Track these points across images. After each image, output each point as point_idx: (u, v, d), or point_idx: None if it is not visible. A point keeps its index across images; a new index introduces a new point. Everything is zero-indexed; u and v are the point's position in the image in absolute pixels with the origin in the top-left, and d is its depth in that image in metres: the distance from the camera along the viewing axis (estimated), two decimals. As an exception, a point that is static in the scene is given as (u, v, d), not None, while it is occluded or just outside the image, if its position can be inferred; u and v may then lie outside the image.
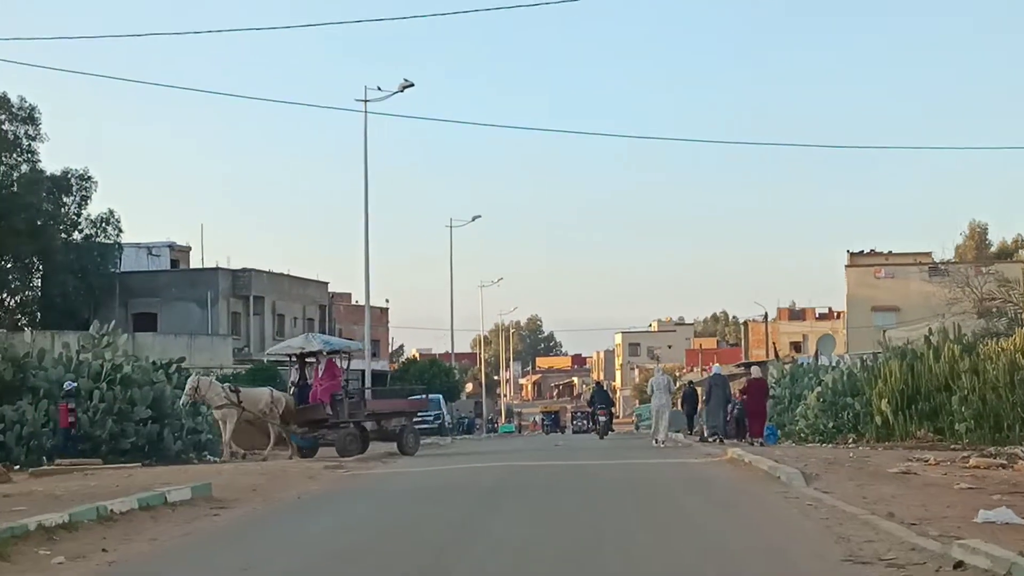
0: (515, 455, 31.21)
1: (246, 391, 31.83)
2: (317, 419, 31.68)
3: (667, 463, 24.76)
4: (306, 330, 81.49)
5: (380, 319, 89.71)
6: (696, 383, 57.41)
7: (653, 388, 37.81)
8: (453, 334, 79.20)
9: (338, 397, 31.68)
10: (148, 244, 78.22)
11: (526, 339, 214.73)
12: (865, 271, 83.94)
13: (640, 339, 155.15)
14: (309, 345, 32.89)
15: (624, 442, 47.13)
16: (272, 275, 77.68)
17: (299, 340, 34.22)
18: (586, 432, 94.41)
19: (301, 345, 33.29)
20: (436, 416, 62.71)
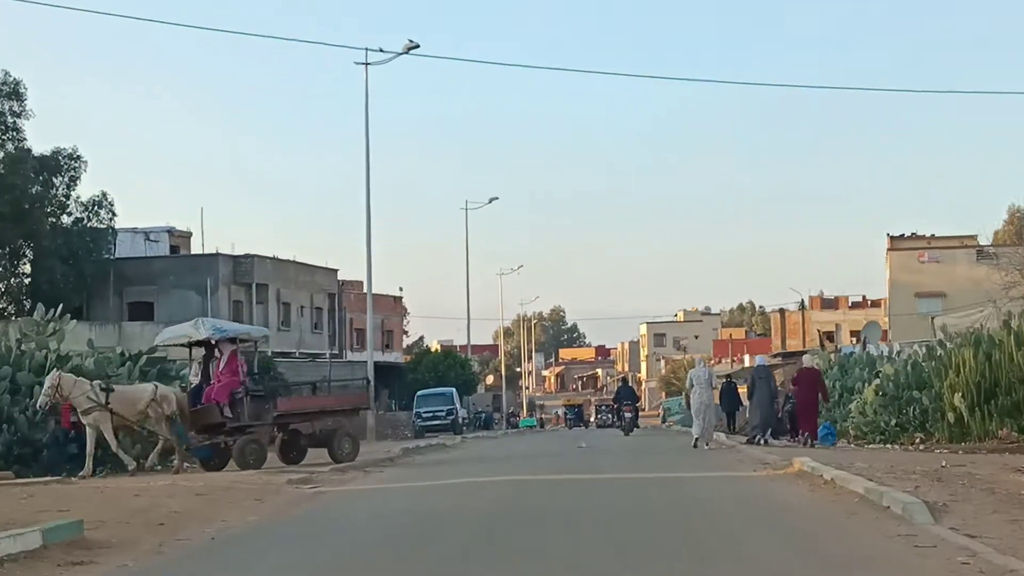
0: (529, 462, 25.81)
1: (121, 389, 25.20)
2: (212, 423, 25.32)
3: (718, 478, 19.30)
4: (314, 320, 76.50)
5: (394, 308, 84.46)
6: (731, 376, 51.61)
7: (692, 382, 32.34)
8: (469, 323, 74.18)
9: (238, 395, 25.17)
10: (145, 229, 73.07)
11: (549, 330, 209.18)
12: (908, 255, 78.16)
13: (666, 329, 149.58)
14: (196, 332, 26.12)
15: (653, 440, 41.86)
16: (276, 261, 72.44)
17: (187, 326, 27.24)
18: (610, 426, 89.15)
19: (187, 333, 26.52)
20: (449, 411, 57.45)
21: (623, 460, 26.01)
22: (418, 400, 58.29)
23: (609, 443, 37.28)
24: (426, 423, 56.91)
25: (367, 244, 47.70)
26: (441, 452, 33.35)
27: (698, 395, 32.09)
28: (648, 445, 36.31)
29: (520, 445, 38.25)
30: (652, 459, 26.06)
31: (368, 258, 47.42)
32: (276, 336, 71.22)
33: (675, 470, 21.40)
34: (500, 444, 39.95)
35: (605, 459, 26.52)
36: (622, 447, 33.51)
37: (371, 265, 47.50)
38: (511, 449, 34.51)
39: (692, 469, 21.59)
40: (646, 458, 26.65)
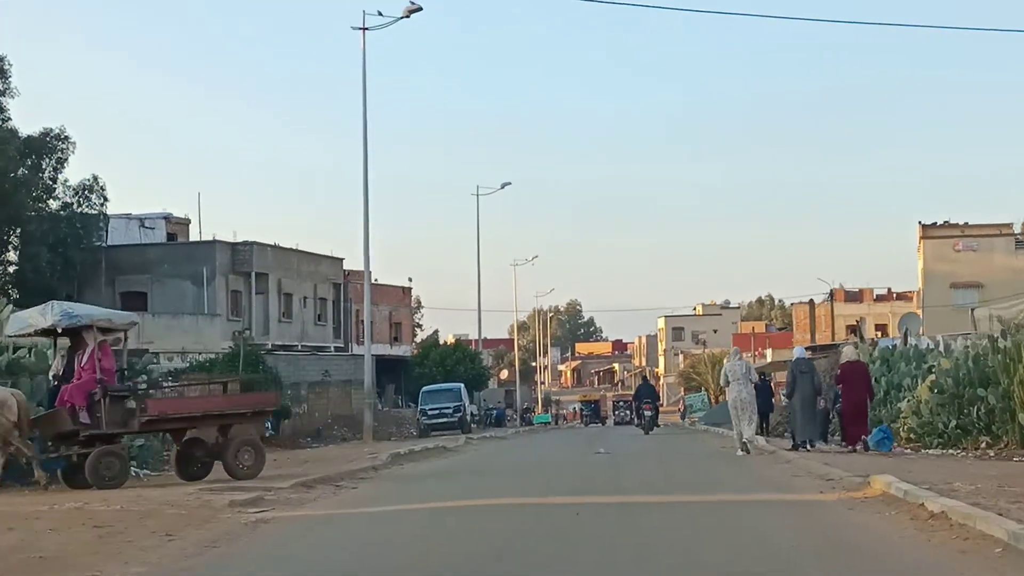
0: (538, 475, 21.19)
1: None
2: (64, 431, 20.08)
3: (781, 504, 14.64)
4: (317, 311, 72.04)
5: (402, 299, 79.96)
6: (763, 373, 46.84)
7: (728, 378, 27.71)
8: (480, 314, 69.57)
9: (95, 397, 19.89)
10: (141, 216, 68.67)
11: (565, 324, 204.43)
12: (942, 244, 73.26)
13: (684, 323, 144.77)
14: (42, 320, 20.53)
15: (677, 442, 37.45)
16: (277, 249, 67.94)
17: (34, 312, 21.23)
18: (628, 423, 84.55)
19: (33, 320, 20.79)
20: (456, 408, 52.86)
21: (653, 472, 21.43)
22: (423, 396, 53.79)
23: (631, 446, 32.73)
24: (432, 421, 52.37)
25: (364, 227, 43.36)
26: (438, 458, 28.77)
27: (736, 392, 27.50)
28: (674, 448, 31.81)
29: (531, 449, 33.60)
30: (687, 470, 21.51)
31: (365, 241, 43.07)
32: (277, 328, 66.89)
33: (720, 489, 16.81)
34: (509, 447, 35.25)
35: (630, 470, 21.94)
36: (647, 451, 28.96)
37: (368, 248, 43.19)
38: (520, 454, 29.89)
39: (741, 487, 16.98)
40: (680, 468, 22.09)
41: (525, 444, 37.62)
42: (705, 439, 39.42)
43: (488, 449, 33.75)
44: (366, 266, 43.58)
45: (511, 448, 34.45)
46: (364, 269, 43.96)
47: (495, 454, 30.26)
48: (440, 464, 25.96)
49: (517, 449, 33.65)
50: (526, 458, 27.68)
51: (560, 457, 27.11)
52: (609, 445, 33.74)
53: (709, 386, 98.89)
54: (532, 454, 29.58)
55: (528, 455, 29.06)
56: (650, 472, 21.16)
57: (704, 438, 40.43)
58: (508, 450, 32.75)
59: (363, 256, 43.24)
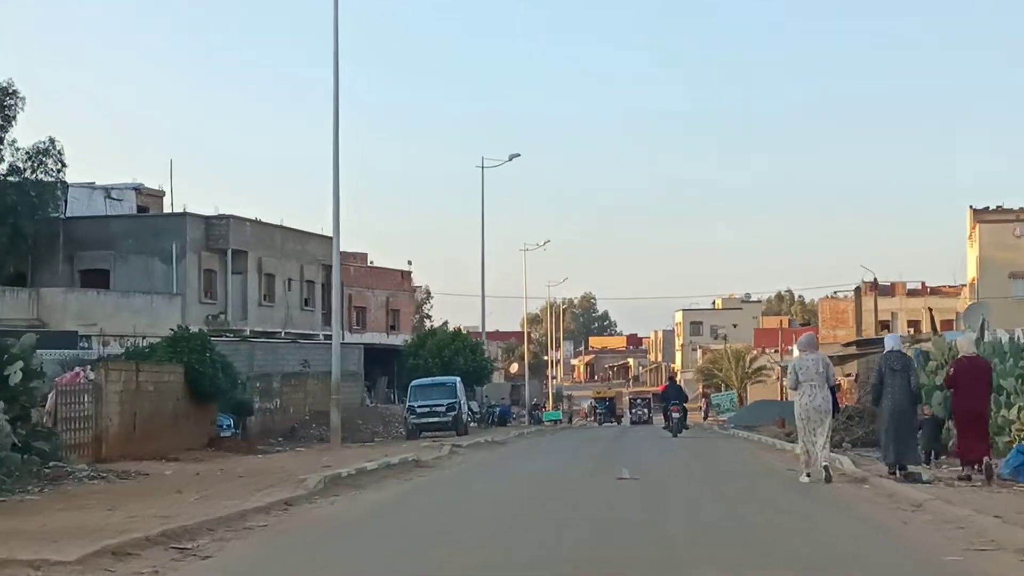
0: (526, 531, 12.76)
1: None
2: None
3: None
4: (305, 295, 63.87)
5: (401, 284, 71.75)
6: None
7: (797, 376, 19.46)
8: (484, 299, 61.25)
9: None
10: (107, 186, 60.57)
11: (579, 317, 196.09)
12: (999, 230, 64.89)
13: (702, 317, 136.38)
14: None
15: (714, 449, 29.60)
16: (258, 225, 59.82)
17: None
18: (646, 423, 76.49)
19: None
20: (450, 406, 44.58)
21: (712, 516, 13.21)
22: (411, 392, 45.57)
23: (662, 461, 24.52)
24: (421, 420, 44.15)
25: (334, 188, 35.25)
26: (400, 478, 20.49)
27: (807, 397, 19.27)
28: (719, 463, 23.68)
29: (530, 463, 25.16)
30: (763, 512, 13.32)
31: (336, 198, 34.99)
32: (256, 312, 58.80)
33: (827, 546, 8.66)
34: (503, 459, 26.75)
35: (676, 514, 13.69)
36: (688, 472, 20.73)
37: (338, 208, 35.09)
38: (513, 475, 21.45)
39: (866, 548, 8.80)
40: (750, 510, 13.93)
41: (525, 454, 29.33)
42: (748, 448, 31.24)
43: (475, 463, 25.46)
44: (335, 230, 35.50)
45: (505, 461, 26.16)
46: (333, 234, 35.83)
47: (480, 474, 21.98)
48: (394, 493, 17.70)
49: (512, 463, 25.37)
50: (520, 483, 19.43)
51: (568, 483, 18.82)
52: (634, 459, 25.58)
53: (732, 383, 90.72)
54: (530, 475, 21.29)
55: (524, 477, 20.77)
56: (709, 519, 12.95)
57: (745, 447, 32.24)
58: (500, 466, 24.46)
59: (332, 219, 35.12)
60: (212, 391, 34.30)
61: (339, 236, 35.70)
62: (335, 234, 35.67)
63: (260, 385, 45.78)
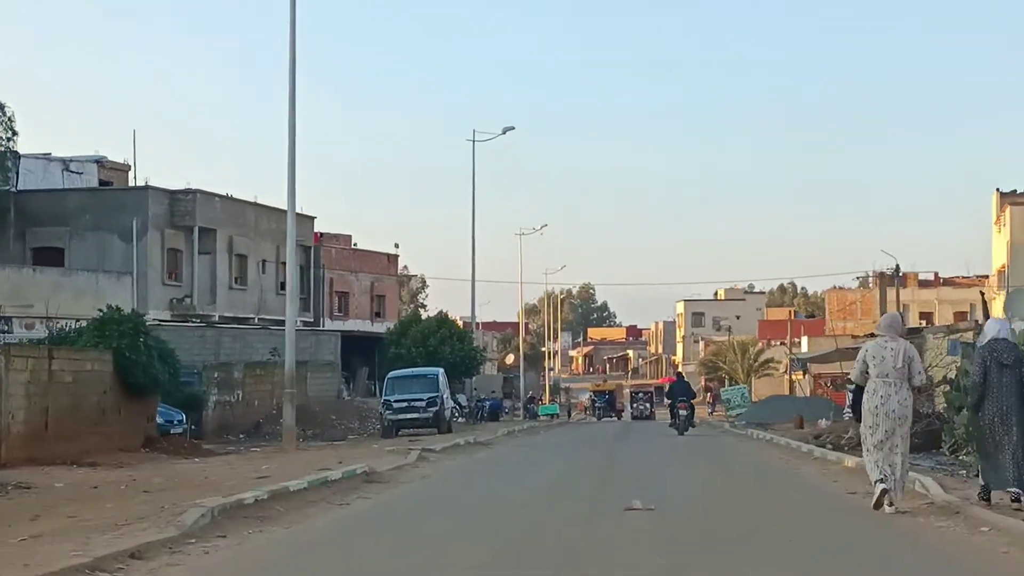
0: None
1: None
2: None
3: None
4: (279, 278, 58.47)
5: (387, 268, 66.34)
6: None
7: (869, 367, 14.04)
8: (474, 284, 55.62)
9: None
10: (66, 158, 55.15)
11: (577, 308, 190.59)
12: (1030, 212, 59.38)
13: (704, 308, 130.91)
14: None
15: (735, 456, 24.53)
16: (229, 201, 54.40)
17: None
18: (648, 418, 71.28)
19: None
20: (431, 400, 39.17)
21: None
22: (389, 384, 40.19)
23: (679, 476, 19.10)
24: (399, 416, 38.78)
25: (290, 145, 29.97)
26: (337, 503, 15.04)
27: (882, 396, 13.96)
28: (751, 476, 18.36)
29: (514, 478, 19.56)
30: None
31: (291, 155, 29.72)
32: (227, 296, 53.45)
33: None
34: (476, 475, 20.63)
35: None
36: (718, 497, 15.36)
37: (294, 165, 29.77)
38: (488, 498, 15.83)
39: None
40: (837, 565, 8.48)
41: (509, 463, 23.83)
42: (776, 454, 25.91)
43: (442, 476, 19.95)
44: (290, 192, 30.23)
45: (481, 475, 20.66)
46: (288, 199, 30.58)
47: (446, 495, 16.50)
48: (317, 532, 12.29)
49: (489, 479, 19.91)
50: (495, 514, 13.97)
51: (558, 519, 13.37)
52: (643, 470, 20.25)
53: (738, 376, 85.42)
54: (509, 497, 15.84)
55: (502, 501, 15.29)
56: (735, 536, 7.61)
57: (772, 452, 26.88)
58: (472, 483, 18.96)
59: (287, 182, 29.84)
60: (147, 382, 28.98)
61: (294, 199, 30.46)
62: (290, 198, 30.43)
63: (218, 375, 40.44)
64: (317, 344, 49.54)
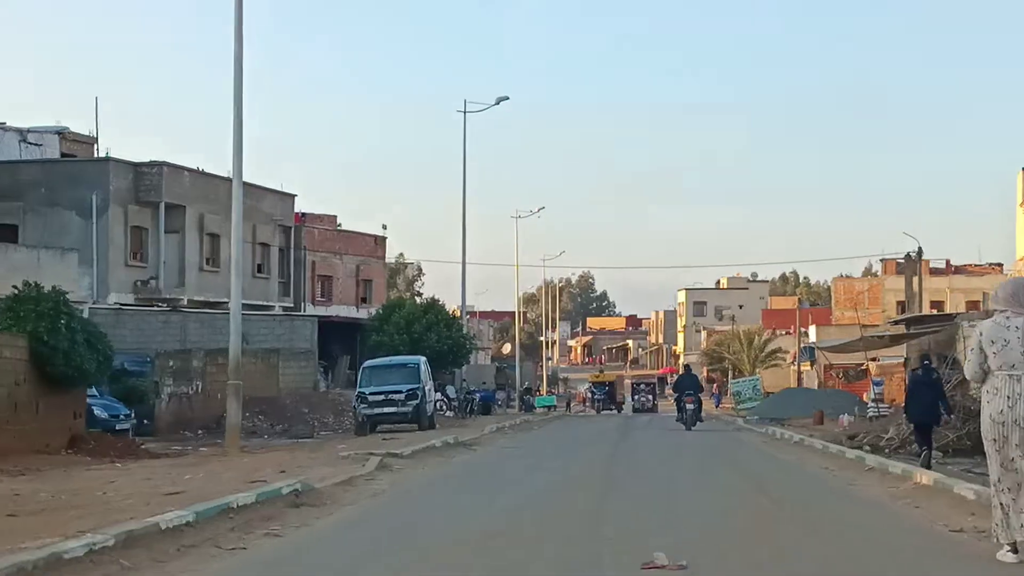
0: None
1: None
2: None
3: None
4: (258, 260, 53.87)
5: (374, 251, 61.70)
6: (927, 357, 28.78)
7: (997, 357, 9.38)
8: (464, 266, 50.81)
9: None
10: (25, 128, 50.53)
11: (576, 298, 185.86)
12: (1064, 192, 54.72)
13: (706, 297, 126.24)
14: None
15: (759, 458, 19.86)
16: (199, 176, 49.82)
17: None
18: (650, 411, 66.70)
19: None
20: (411, 393, 34.52)
21: None
22: (364, 375, 35.54)
23: (708, 496, 14.51)
24: (374, 411, 34.14)
25: (236, 96, 25.38)
26: (237, 545, 10.45)
27: (1009, 396, 9.40)
28: (803, 498, 13.84)
29: (484, 504, 14.46)
30: None
31: (237, 115, 25.15)
32: (197, 279, 48.90)
33: None
34: (441, 496, 15.29)
35: None
36: (772, 536, 10.67)
37: (241, 125, 25.19)
38: (435, 543, 11.05)
39: None
40: None
41: (489, 473, 19.13)
42: (813, 460, 21.31)
43: (401, 495, 15.24)
44: (236, 158, 25.67)
45: (452, 490, 15.98)
46: (233, 167, 26.02)
47: (388, 530, 11.78)
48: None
49: (461, 497, 15.26)
50: (448, 567, 9.35)
51: (544, 570, 8.81)
52: (657, 484, 15.76)
53: (744, 367, 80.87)
54: (476, 533, 11.16)
55: (463, 542, 10.60)
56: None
57: (807, 457, 22.28)
58: (436, 504, 14.30)
59: (232, 164, 25.27)
60: (71, 372, 24.34)
61: (241, 156, 25.84)
62: (235, 172, 25.83)
63: (174, 364, 35.85)
64: (292, 330, 44.94)
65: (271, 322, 45.27)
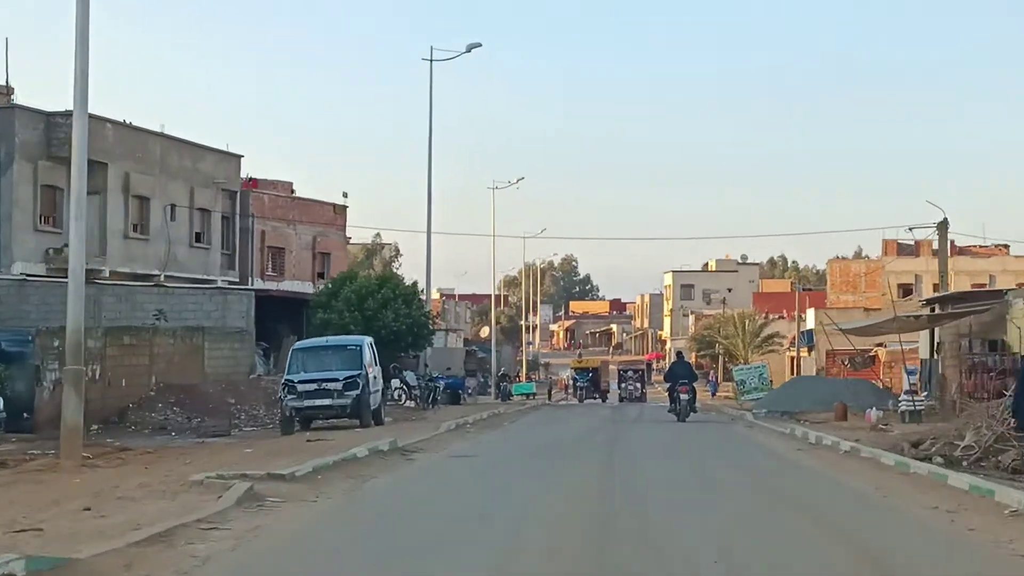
0: None
1: None
2: None
3: None
4: (197, 228, 46.80)
5: (334, 221, 54.64)
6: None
7: None
8: (430, 236, 43.78)
9: None
10: (-77, 74, 43.39)
11: (559, 281, 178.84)
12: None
13: (694, 280, 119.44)
14: None
15: (795, 476, 13.68)
16: (125, 129, 42.71)
17: None
18: (638, 400, 60.00)
19: None
20: (350, 381, 27.51)
21: None
22: (294, 358, 28.48)
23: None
24: (304, 404, 27.17)
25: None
26: None
27: None
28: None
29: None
30: None
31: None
32: (122, 248, 42.01)
33: None
34: (341, 545, 9.58)
35: None
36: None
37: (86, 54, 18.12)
38: None
39: None
40: None
41: (416, 514, 12.26)
42: (887, 483, 14.47)
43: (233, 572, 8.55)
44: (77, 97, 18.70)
45: (331, 555, 9.23)
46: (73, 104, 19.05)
47: None
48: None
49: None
50: None
51: None
52: (675, 518, 8.97)
53: (739, 352, 74.22)
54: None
55: None
56: None
57: (872, 476, 15.46)
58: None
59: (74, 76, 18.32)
60: None
61: (84, 120, 18.90)
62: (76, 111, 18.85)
63: (59, 344, 28.77)
64: (226, 307, 37.96)
65: (200, 296, 38.26)
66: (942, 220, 45.81)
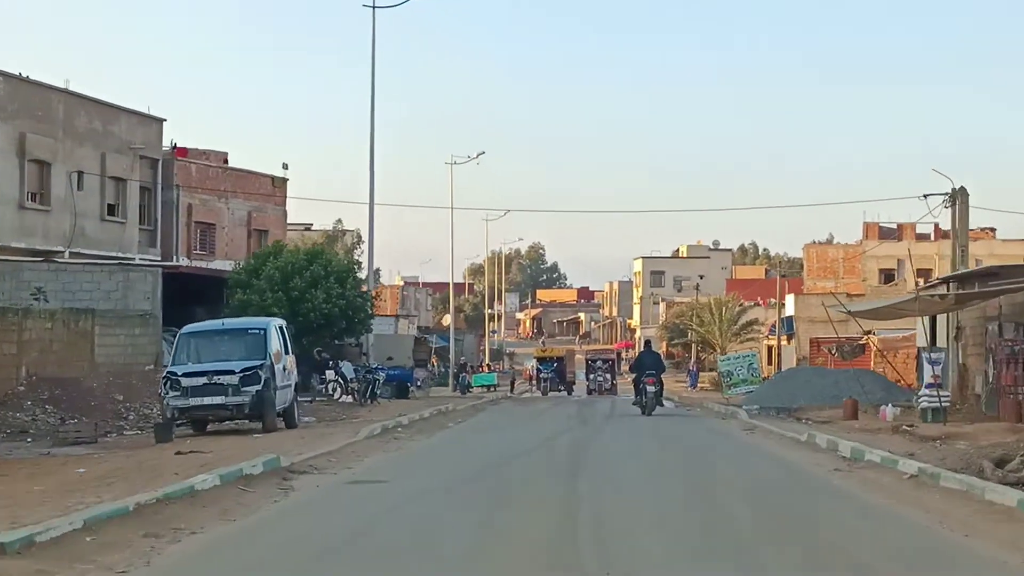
0: None
1: None
2: None
3: None
4: (111, 200, 40.72)
5: (273, 195, 48.64)
6: None
7: None
8: (372, 192, 37.31)
9: None
10: None
11: (526, 269, 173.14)
12: None
13: (665, 266, 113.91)
14: None
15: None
16: (21, 83, 36.67)
17: None
18: (608, 392, 54.42)
19: None
20: (247, 375, 21.65)
21: None
22: (180, 345, 22.55)
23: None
24: (191, 402, 21.36)
25: None
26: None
27: None
28: None
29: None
30: None
31: None
32: (18, 219, 36.01)
33: None
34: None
35: None
36: None
37: None
38: None
39: None
40: None
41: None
42: (939, 508, 8.74)
43: None
44: None
45: None
46: None
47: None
48: None
49: None
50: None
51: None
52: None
53: (715, 341, 68.67)
54: None
55: None
56: None
57: (929, 502, 9.73)
58: None
59: None
60: None
61: None
62: None
63: None
64: (127, 285, 31.97)
65: (97, 273, 32.21)
66: (960, 187, 39.88)
